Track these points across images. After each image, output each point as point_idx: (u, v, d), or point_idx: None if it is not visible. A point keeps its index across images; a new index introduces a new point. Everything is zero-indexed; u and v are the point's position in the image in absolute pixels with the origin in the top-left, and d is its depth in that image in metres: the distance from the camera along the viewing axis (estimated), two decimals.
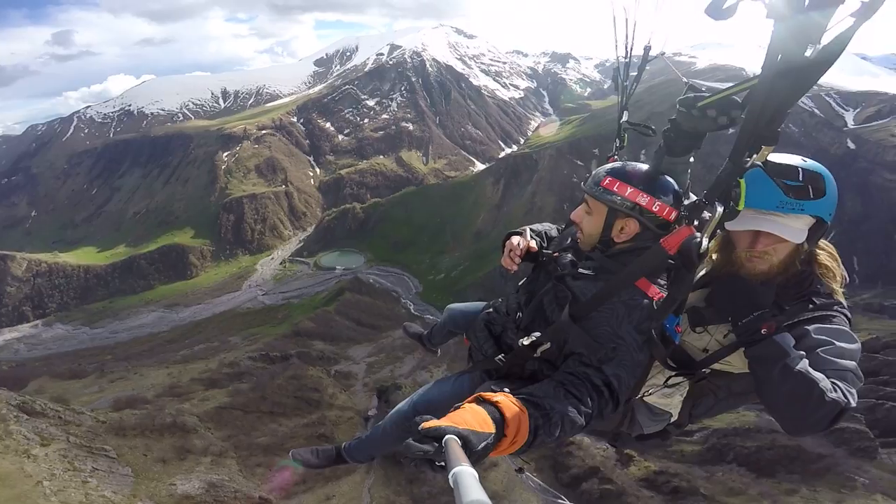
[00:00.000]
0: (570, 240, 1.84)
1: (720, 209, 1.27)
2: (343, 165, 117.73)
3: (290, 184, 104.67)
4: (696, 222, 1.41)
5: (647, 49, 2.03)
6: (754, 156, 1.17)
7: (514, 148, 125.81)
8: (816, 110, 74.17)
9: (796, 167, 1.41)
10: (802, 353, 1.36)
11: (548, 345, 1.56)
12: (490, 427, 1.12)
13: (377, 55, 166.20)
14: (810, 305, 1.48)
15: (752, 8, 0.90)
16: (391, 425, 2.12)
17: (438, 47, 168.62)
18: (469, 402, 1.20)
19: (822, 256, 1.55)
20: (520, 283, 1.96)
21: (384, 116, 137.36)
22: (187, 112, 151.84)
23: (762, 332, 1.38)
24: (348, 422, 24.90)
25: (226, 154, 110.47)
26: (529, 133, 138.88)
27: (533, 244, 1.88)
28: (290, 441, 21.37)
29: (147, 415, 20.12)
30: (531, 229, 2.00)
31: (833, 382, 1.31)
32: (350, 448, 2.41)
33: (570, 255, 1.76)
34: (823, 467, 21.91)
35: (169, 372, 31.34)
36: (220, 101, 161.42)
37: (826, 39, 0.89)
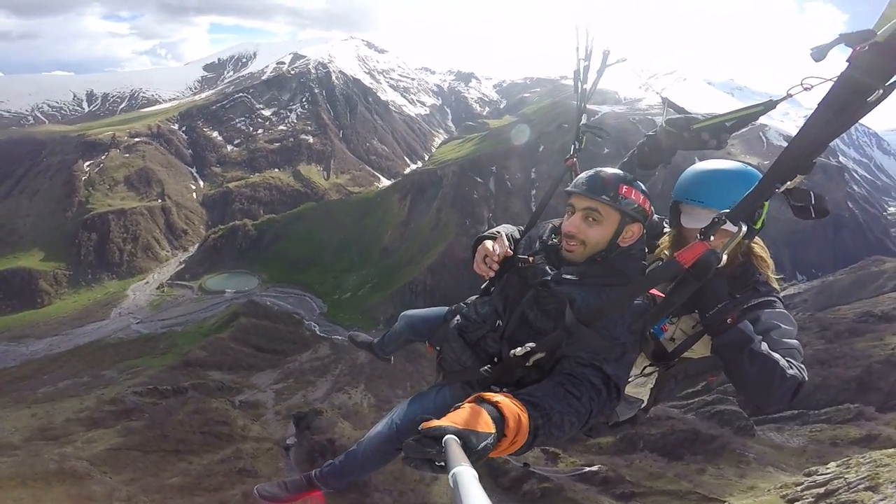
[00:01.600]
0: (538, 243, 1.90)
1: (745, 228, 1.35)
2: (232, 178, 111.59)
3: (168, 198, 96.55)
4: (711, 238, 1.40)
5: (606, 54, 2.18)
6: (786, 183, 1.25)
7: (419, 164, 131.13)
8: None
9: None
10: (760, 336, 1.62)
11: (542, 354, 1.60)
12: (490, 427, 1.16)
13: (277, 63, 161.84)
14: (756, 293, 1.77)
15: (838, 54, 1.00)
16: (370, 449, 2.10)
17: (347, 59, 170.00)
18: (469, 401, 1.24)
19: (756, 248, 1.86)
20: (485, 288, 2.04)
21: (281, 128, 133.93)
22: (40, 115, 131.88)
23: (728, 321, 1.59)
24: (267, 453, 25.07)
25: (87, 164, 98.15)
26: (434, 149, 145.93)
27: (509, 250, 1.91)
28: (206, 479, 21.09)
29: (23, 462, 18.95)
30: (504, 233, 2.02)
31: (788, 361, 1.60)
32: (324, 475, 2.41)
33: (544, 259, 1.82)
34: (719, 446, 25.29)
35: (33, 413, 28.52)
36: (85, 104, 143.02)
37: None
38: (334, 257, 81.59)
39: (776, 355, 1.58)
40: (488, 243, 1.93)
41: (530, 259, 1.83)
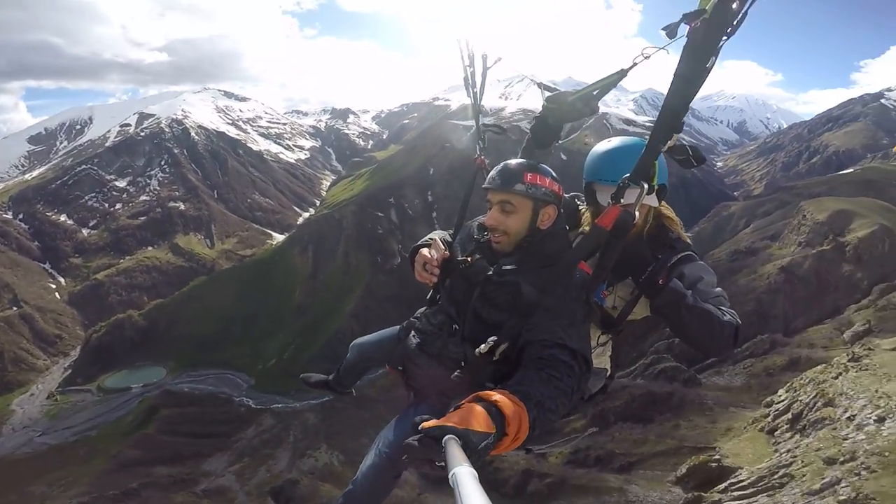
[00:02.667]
0: (472, 243, 2.14)
1: (646, 186, 1.67)
2: (98, 268, 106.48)
3: (25, 303, 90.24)
4: (621, 201, 1.70)
5: (485, 57, 2.62)
6: (668, 142, 1.62)
7: (312, 211, 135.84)
8: None
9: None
10: (690, 290, 1.96)
11: (505, 344, 1.78)
12: (490, 426, 1.25)
13: (122, 126, 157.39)
14: (674, 250, 2.12)
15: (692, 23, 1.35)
16: (367, 484, 2.20)
17: (205, 113, 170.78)
18: (467, 401, 1.34)
19: (665, 211, 2.26)
20: (431, 298, 2.27)
21: (144, 198, 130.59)
22: None
23: (660, 283, 1.95)
24: None
25: None
26: (324, 193, 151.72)
27: (446, 252, 2.16)
28: None
29: None
30: (437, 238, 2.25)
31: (720, 309, 1.94)
32: None
33: (481, 256, 2.05)
34: (679, 401, 28.44)
35: None
36: None
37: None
38: (244, 328, 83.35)
39: (708, 306, 1.94)
40: (424, 251, 2.19)
41: (469, 259, 2.08)
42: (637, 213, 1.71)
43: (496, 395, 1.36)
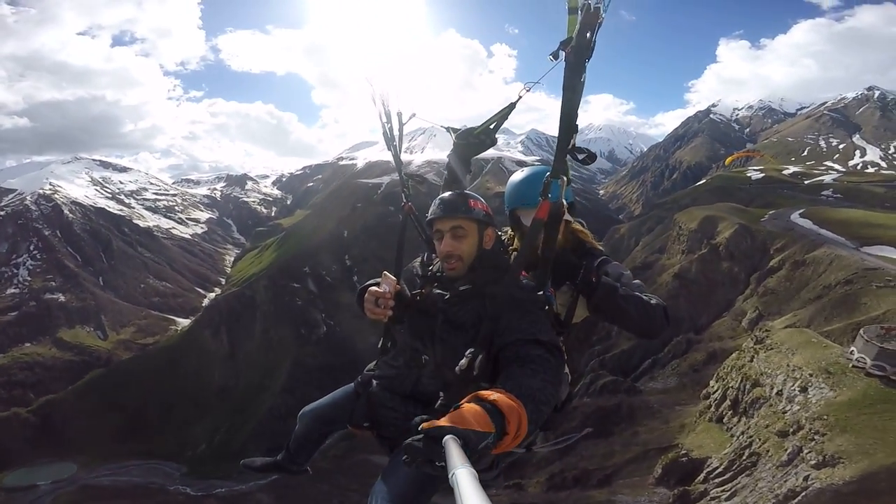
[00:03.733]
0: (419, 280, 2.55)
1: (565, 179, 2.27)
2: None
3: None
4: (549, 196, 2.26)
5: (400, 114, 3.30)
6: (570, 142, 2.23)
7: (218, 290, 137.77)
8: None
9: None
10: (618, 283, 2.51)
11: (482, 355, 2.09)
12: (490, 426, 1.37)
13: None
14: (594, 256, 2.75)
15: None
16: None
17: (78, 186, 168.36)
18: (466, 401, 1.46)
19: (578, 227, 2.90)
20: (383, 346, 2.73)
21: (12, 291, 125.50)
22: None
23: (593, 280, 2.45)
24: None
25: None
26: (229, 269, 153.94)
27: (397, 284, 2.47)
28: None
29: None
30: (386, 273, 2.57)
31: (646, 294, 2.54)
32: None
33: (434, 286, 2.45)
34: (629, 410, 32.43)
35: None
36: None
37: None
38: (162, 417, 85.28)
39: (637, 293, 2.53)
40: (374, 287, 2.46)
41: (423, 291, 2.46)
42: (564, 202, 2.32)
43: (494, 395, 1.51)
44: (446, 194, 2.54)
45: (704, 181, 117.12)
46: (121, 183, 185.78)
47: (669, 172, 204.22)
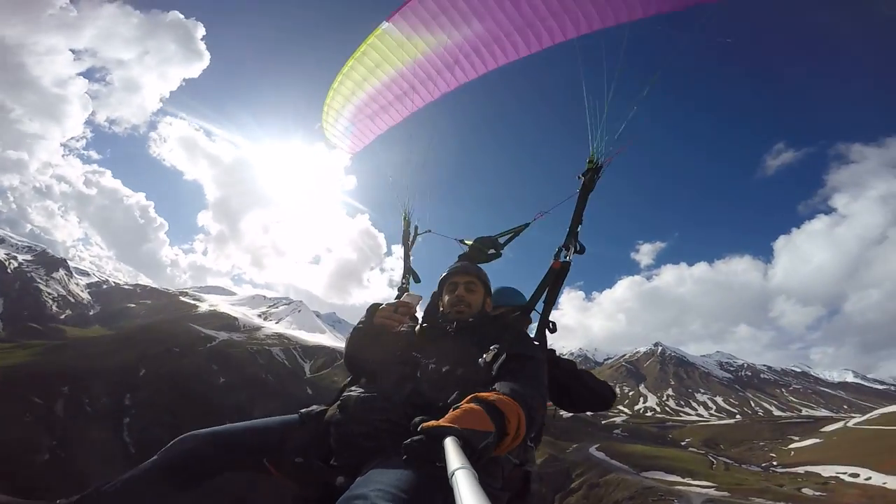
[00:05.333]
0: (430, 318, 3.09)
1: (572, 248, 3.31)
2: None
3: None
4: (561, 258, 3.31)
5: (416, 228, 4.45)
6: (577, 231, 3.40)
7: None
8: (286, 362, 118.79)
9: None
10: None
11: (504, 355, 2.42)
12: (489, 425, 1.41)
13: None
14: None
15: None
16: None
17: None
18: (466, 402, 1.52)
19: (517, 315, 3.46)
20: (350, 382, 2.89)
21: None
22: None
23: (556, 354, 3.27)
24: None
25: None
26: None
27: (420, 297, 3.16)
28: None
29: None
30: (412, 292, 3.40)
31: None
32: None
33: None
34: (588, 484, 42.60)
35: None
36: None
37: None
38: None
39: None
40: (405, 297, 3.13)
41: (444, 311, 3.03)
42: (571, 260, 3.29)
43: (493, 395, 1.59)
44: (462, 262, 3.33)
45: None
46: None
47: None
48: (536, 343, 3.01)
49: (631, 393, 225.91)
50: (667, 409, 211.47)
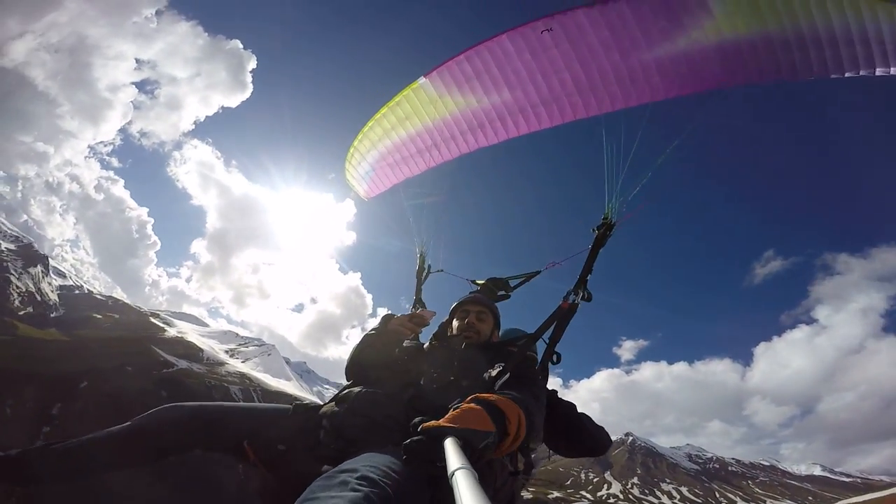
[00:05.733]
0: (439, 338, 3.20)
1: (581, 293, 3.32)
2: None
3: None
4: (570, 299, 3.29)
5: (430, 266, 4.58)
6: (588, 276, 3.45)
7: None
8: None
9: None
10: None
11: (508, 374, 2.58)
12: (490, 425, 1.41)
13: None
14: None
15: None
16: None
17: None
18: (467, 402, 1.53)
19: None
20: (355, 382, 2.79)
21: None
22: None
23: (557, 395, 3.33)
24: None
25: None
26: None
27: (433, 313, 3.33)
28: None
29: None
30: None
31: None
32: None
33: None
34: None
35: None
36: None
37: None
38: None
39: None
40: (421, 311, 3.48)
41: (453, 329, 3.19)
42: (579, 301, 3.36)
43: (493, 396, 1.62)
44: (473, 293, 3.48)
45: None
46: None
47: None
48: (540, 370, 3.03)
49: (595, 479, 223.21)
50: (630, 496, 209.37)
